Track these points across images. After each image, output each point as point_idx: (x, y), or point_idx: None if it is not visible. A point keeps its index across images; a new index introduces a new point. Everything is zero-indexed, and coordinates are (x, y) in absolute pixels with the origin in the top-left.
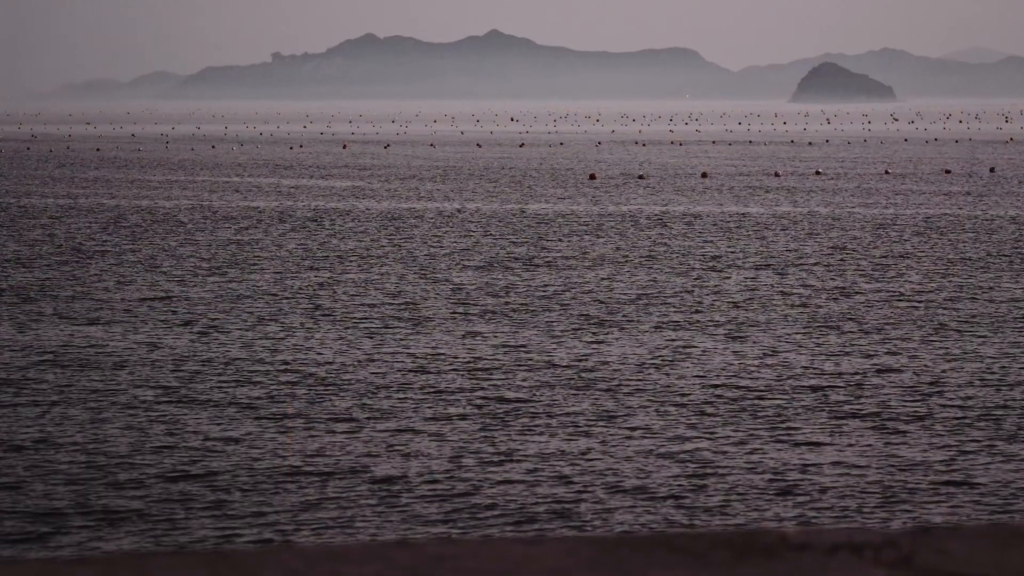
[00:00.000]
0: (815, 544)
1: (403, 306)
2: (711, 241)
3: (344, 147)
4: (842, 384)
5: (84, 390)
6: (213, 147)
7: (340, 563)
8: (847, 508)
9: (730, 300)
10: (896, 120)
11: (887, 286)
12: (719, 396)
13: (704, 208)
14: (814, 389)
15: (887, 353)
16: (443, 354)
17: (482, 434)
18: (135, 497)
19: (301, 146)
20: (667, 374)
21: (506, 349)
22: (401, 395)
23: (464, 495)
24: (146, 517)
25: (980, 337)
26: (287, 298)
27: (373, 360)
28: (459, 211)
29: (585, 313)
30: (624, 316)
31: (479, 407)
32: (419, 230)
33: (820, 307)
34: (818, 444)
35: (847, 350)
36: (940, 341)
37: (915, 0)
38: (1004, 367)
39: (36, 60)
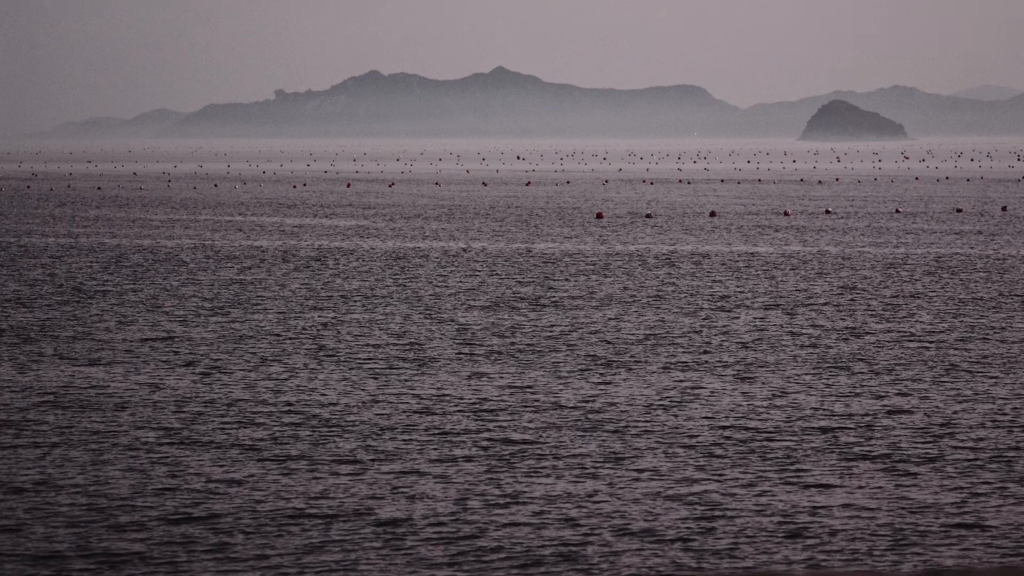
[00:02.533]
0: None
1: (408, 346)
2: (720, 281)
3: (348, 185)
4: (852, 425)
5: (85, 431)
6: (216, 185)
7: None
8: (857, 551)
9: (739, 340)
10: (907, 158)
11: (898, 326)
12: (728, 437)
13: (712, 247)
14: (824, 430)
15: (898, 394)
16: (448, 395)
17: (488, 476)
18: (137, 540)
19: (305, 184)
20: (675, 415)
21: (512, 390)
22: (406, 436)
23: (469, 538)
24: (148, 560)
25: (992, 378)
26: (291, 338)
27: (378, 401)
28: (465, 250)
29: (592, 353)
30: (632, 356)
31: (485, 449)
32: (424, 270)
33: (830, 347)
34: (828, 486)
35: (857, 391)
36: (951, 382)
37: (926, 38)
38: (1016, 408)
39: (37, 98)
